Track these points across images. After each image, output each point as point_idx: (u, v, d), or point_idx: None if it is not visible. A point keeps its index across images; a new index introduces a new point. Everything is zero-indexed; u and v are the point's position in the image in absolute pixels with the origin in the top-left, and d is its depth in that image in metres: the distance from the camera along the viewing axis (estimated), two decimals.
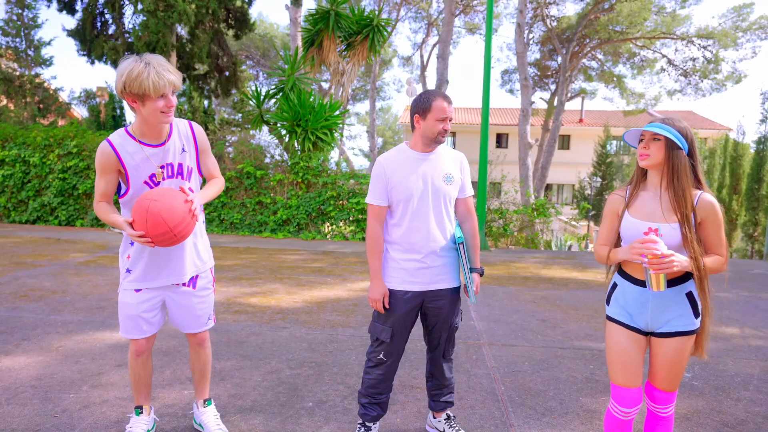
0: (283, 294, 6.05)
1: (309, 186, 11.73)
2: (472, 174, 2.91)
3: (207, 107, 19.97)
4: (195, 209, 2.31)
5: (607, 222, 2.25)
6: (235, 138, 19.73)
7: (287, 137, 11.75)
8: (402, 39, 73.61)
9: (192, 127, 2.52)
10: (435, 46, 29.57)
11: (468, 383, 3.58)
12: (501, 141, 31.84)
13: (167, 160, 2.41)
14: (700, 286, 2.08)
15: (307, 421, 2.96)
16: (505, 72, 29.28)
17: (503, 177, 17.42)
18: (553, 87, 26.70)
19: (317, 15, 12.10)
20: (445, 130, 2.51)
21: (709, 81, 22.79)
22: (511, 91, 30.10)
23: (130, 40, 15.75)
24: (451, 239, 2.63)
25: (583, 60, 25.68)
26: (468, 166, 2.73)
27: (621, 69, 25.66)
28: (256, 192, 11.83)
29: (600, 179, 26.45)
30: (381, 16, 13.03)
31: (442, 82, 18.64)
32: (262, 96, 12.08)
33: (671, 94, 24.50)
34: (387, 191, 2.57)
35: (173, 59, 15.09)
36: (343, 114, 12.71)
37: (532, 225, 12.18)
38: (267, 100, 12.33)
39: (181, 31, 16.19)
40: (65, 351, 3.95)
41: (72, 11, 16.64)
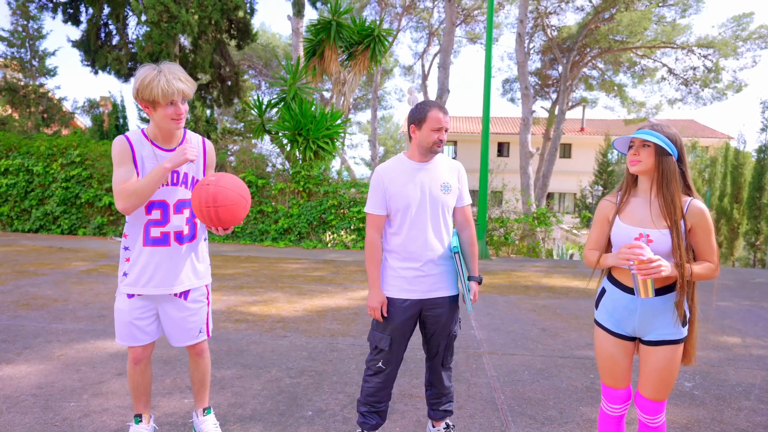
0: (284, 303, 6.06)
1: (310, 195, 11.76)
2: (473, 183, 2.93)
3: (209, 116, 20.02)
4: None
5: (598, 227, 2.27)
6: (237, 147, 19.78)
7: (289, 146, 11.80)
8: (403, 48, 74.08)
9: (204, 143, 2.64)
10: (436, 55, 29.73)
11: (468, 392, 3.58)
12: (502, 150, 31.89)
13: None
14: (683, 292, 2.04)
15: (307, 430, 2.96)
16: (506, 81, 29.37)
17: (504, 186, 17.41)
18: (554, 96, 26.77)
19: (319, 25, 12.19)
20: (441, 140, 2.54)
21: (710, 90, 22.84)
22: (512, 100, 30.20)
23: (133, 50, 15.87)
24: (448, 248, 2.64)
25: (584, 69, 25.77)
26: (465, 175, 2.76)
27: (622, 78, 25.75)
28: (257, 201, 11.86)
29: (601, 188, 26.48)
30: (382, 26, 13.14)
31: (443, 91, 18.73)
32: (264, 105, 12.14)
33: (672, 102, 24.57)
34: (385, 200, 2.60)
35: None
36: (345, 123, 12.76)
37: (533, 234, 12.17)
38: (269, 109, 12.39)
39: (184, 42, 16.30)
40: (66, 359, 3.96)
41: (77, 22, 16.78)
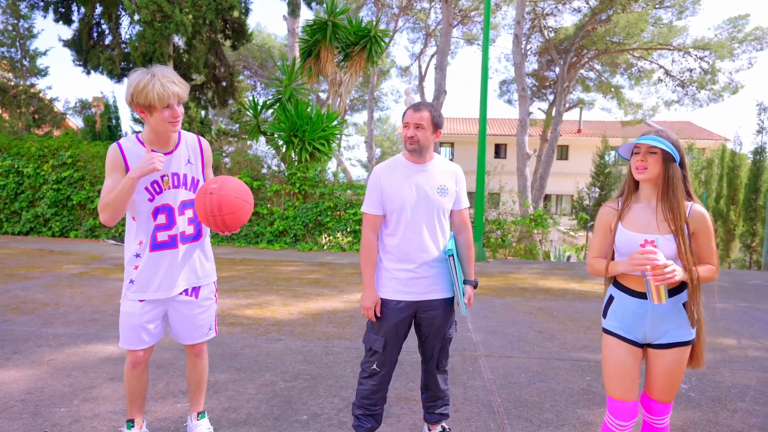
0: (279, 306, 6.01)
1: (306, 197, 11.71)
2: (469, 184, 2.91)
3: (204, 117, 19.95)
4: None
5: (600, 235, 2.24)
6: (232, 148, 19.75)
7: (284, 148, 11.74)
8: (400, 49, 74.41)
9: (200, 141, 2.62)
10: (433, 56, 29.67)
11: (464, 395, 3.54)
12: (499, 151, 31.89)
13: (173, 169, 2.49)
14: (693, 295, 2.08)
15: None
16: (504, 82, 29.37)
17: (501, 187, 17.42)
18: (551, 97, 26.81)
19: (315, 26, 12.15)
20: (410, 136, 2.51)
21: (706, 91, 22.94)
22: (510, 102, 30.15)
23: (126, 50, 15.73)
24: (443, 251, 2.62)
25: (581, 71, 25.83)
26: (464, 178, 2.74)
27: (618, 80, 25.84)
28: None
29: (598, 189, 26.46)
30: (379, 26, 13.10)
31: (440, 92, 18.69)
32: (259, 106, 12.08)
33: (669, 104, 24.66)
34: (382, 200, 2.58)
35: None
36: (341, 124, 12.72)
37: (530, 236, 12.16)
38: (264, 110, 12.33)
39: (178, 42, 16.20)
40: (57, 364, 3.91)
41: (68, 21, 16.63)
